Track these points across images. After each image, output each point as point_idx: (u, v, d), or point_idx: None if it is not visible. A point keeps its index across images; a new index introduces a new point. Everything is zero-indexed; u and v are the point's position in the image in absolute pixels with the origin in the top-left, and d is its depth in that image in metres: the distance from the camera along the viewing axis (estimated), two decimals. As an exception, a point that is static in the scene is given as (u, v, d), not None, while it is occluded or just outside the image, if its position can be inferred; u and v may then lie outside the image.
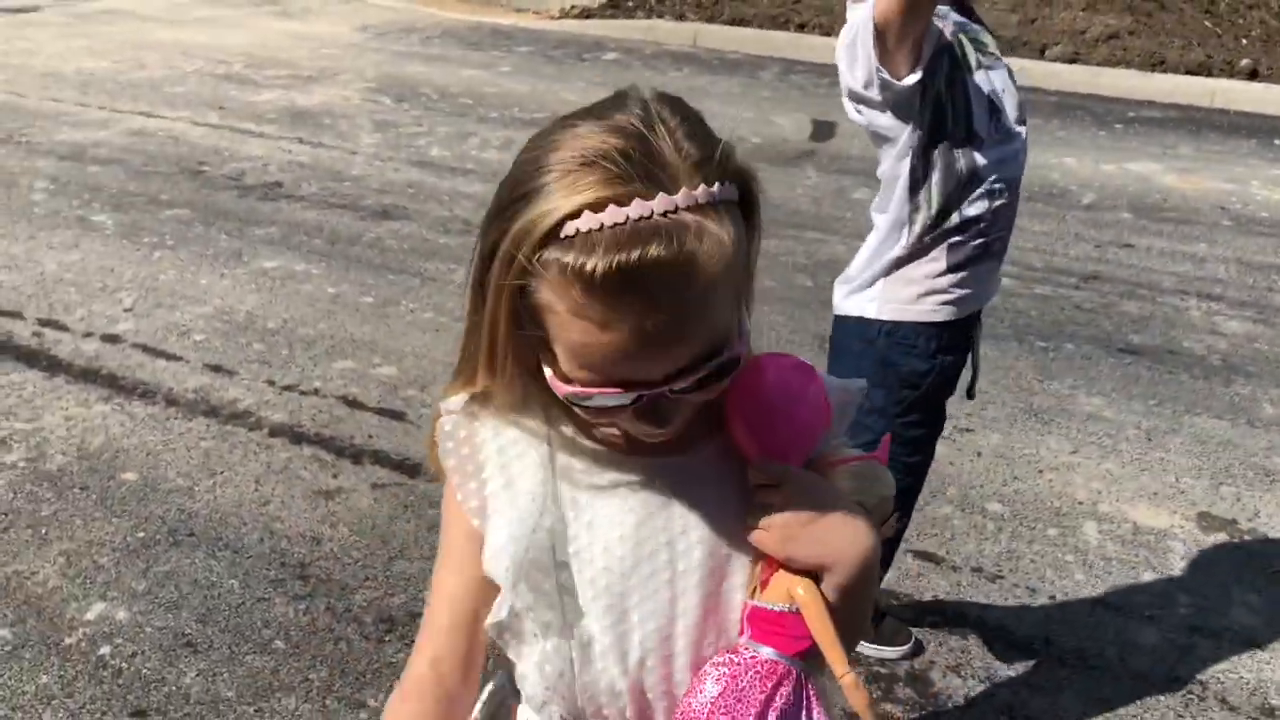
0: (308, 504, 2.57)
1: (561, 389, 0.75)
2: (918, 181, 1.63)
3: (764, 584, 0.80)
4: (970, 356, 1.80)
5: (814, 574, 0.79)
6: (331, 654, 2.11)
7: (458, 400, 0.84)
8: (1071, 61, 7.17)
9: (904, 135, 1.62)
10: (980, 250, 1.66)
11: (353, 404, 3.02)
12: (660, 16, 8.45)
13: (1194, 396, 3.19)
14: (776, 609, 0.79)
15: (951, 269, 1.65)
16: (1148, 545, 2.51)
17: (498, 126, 5.63)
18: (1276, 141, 5.84)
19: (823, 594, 0.79)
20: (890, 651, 2.11)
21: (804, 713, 0.79)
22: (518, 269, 0.71)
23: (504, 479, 0.82)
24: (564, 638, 0.80)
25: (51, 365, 3.17)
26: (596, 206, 0.68)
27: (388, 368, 3.21)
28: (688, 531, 0.82)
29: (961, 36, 1.59)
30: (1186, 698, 2.07)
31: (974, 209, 1.62)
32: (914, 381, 1.69)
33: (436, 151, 5.26)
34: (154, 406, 2.97)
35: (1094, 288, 3.92)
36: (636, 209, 0.68)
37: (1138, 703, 2.05)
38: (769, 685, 0.77)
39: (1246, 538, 2.56)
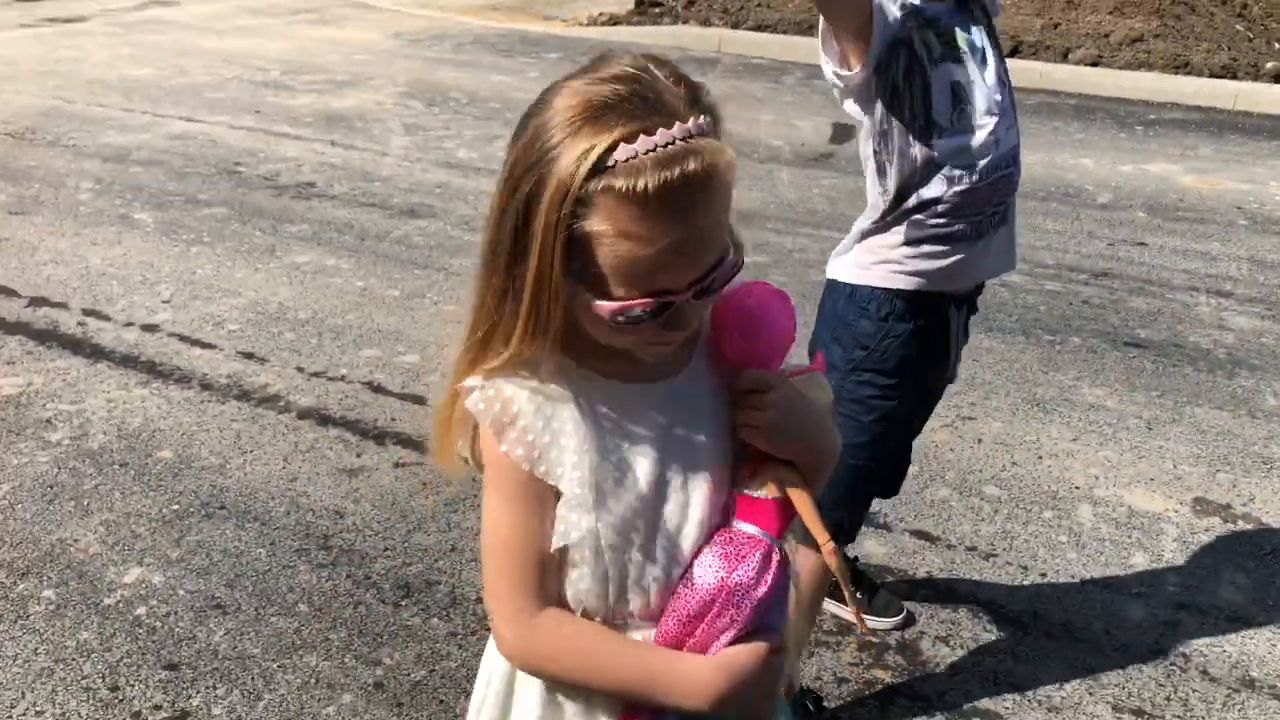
0: (332, 481, 2.70)
1: (605, 308, 0.86)
2: (882, 165, 1.73)
3: (751, 474, 0.95)
4: (949, 340, 1.84)
5: (791, 463, 0.95)
6: (351, 617, 2.23)
7: (474, 379, 0.93)
8: (1094, 65, 7.18)
9: (866, 122, 1.72)
10: (943, 230, 1.72)
11: (377, 389, 3.15)
12: (686, 23, 8.57)
13: (1197, 388, 3.23)
14: (764, 496, 0.94)
15: (908, 243, 1.73)
16: (1141, 528, 2.57)
17: (524, 129, 5.77)
18: (1300, 144, 5.83)
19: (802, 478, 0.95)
20: (882, 622, 2.20)
21: (788, 580, 0.95)
22: (571, 202, 0.82)
23: (548, 434, 0.92)
24: (600, 564, 0.93)
25: (94, 352, 3.33)
26: (629, 138, 0.81)
27: (411, 355, 3.34)
28: (693, 441, 0.96)
29: (928, 31, 1.67)
30: (1169, 669, 2.13)
31: (931, 191, 1.70)
32: (864, 342, 1.78)
33: (464, 153, 5.41)
34: (189, 391, 3.12)
35: (1104, 284, 3.97)
36: (663, 136, 0.81)
37: (1120, 672, 2.11)
38: (764, 560, 0.92)
39: (1240, 522, 2.60)
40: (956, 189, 1.69)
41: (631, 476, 0.93)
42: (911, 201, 1.71)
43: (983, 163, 1.70)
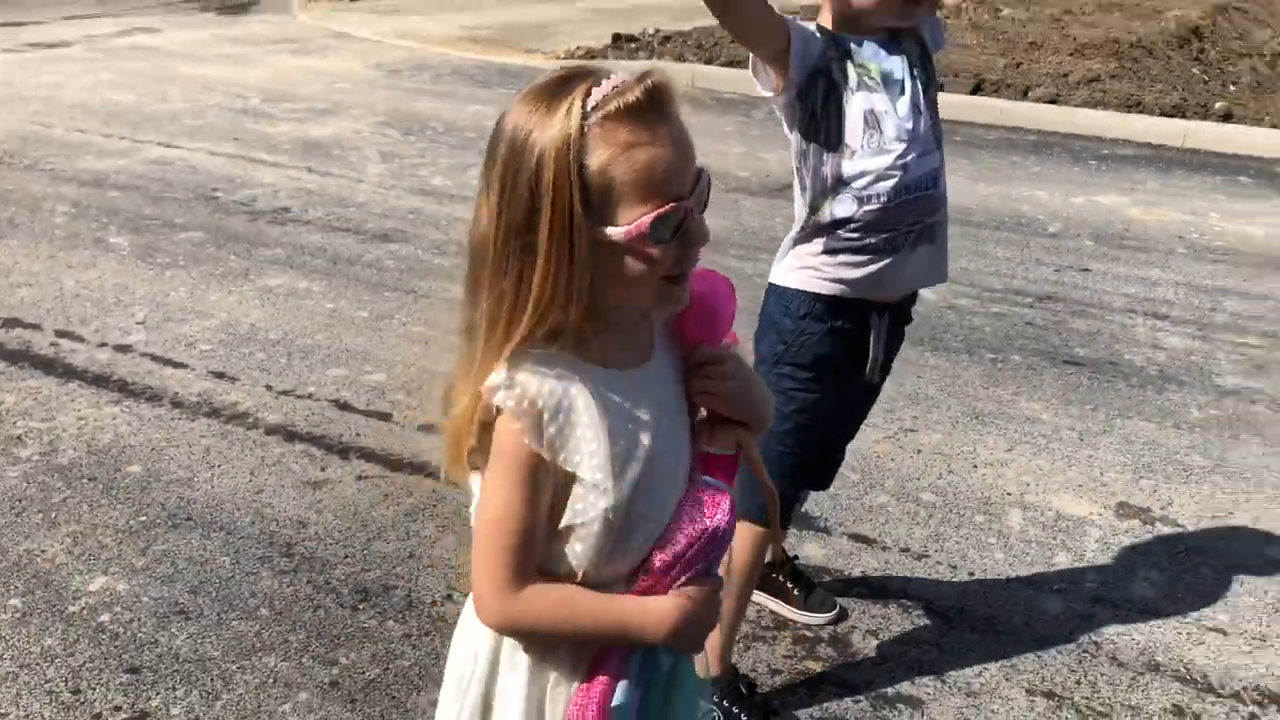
0: (297, 493, 2.79)
1: (641, 223, 0.97)
2: (803, 180, 1.88)
3: (710, 435, 1.12)
4: (874, 346, 1.97)
5: (740, 422, 1.12)
6: (310, 620, 2.31)
7: (497, 376, 1.01)
8: (1052, 103, 7.43)
9: (792, 140, 1.87)
10: (857, 244, 1.86)
11: (343, 406, 3.24)
12: (661, 57, 8.79)
13: (1128, 402, 3.38)
14: (724, 453, 1.12)
15: (827, 253, 1.88)
16: (1066, 530, 2.70)
17: (496, 158, 5.92)
18: (1241, 178, 6.06)
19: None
20: (816, 618, 2.31)
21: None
22: (575, 146, 0.96)
23: (568, 424, 1.01)
24: (603, 536, 1.04)
25: (67, 372, 3.41)
26: (596, 85, 0.97)
27: (378, 374, 3.44)
28: (673, 417, 1.10)
29: (846, 61, 1.82)
30: (1081, 655, 2.26)
31: (842, 209, 1.85)
32: (784, 338, 1.93)
33: (439, 180, 5.54)
34: (160, 408, 3.21)
35: (1047, 307, 4.12)
36: (620, 75, 0.98)
37: (1035, 658, 2.24)
38: (731, 508, 1.08)
39: (1159, 524, 2.74)
40: (866, 208, 1.84)
41: (635, 455, 1.04)
42: (825, 217, 1.86)
43: (889, 185, 1.83)
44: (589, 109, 0.96)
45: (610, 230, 0.98)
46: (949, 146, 2.09)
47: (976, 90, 7.69)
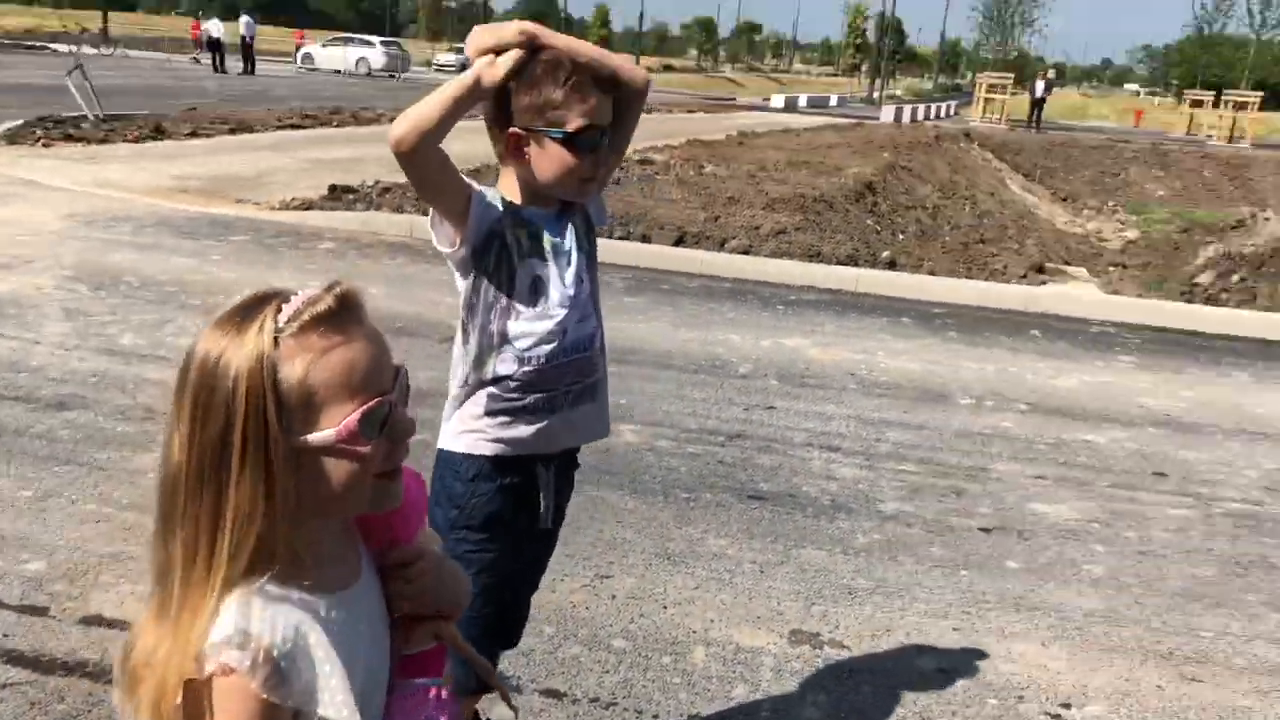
0: (-83, 713, 2.41)
1: (345, 427, 0.98)
2: (467, 333, 1.97)
3: (407, 636, 1.12)
4: (544, 496, 2.05)
5: (439, 614, 1.13)
6: None
7: (223, 627, 0.94)
8: (745, 253, 8.23)
9: (462, 291, 1.96)
10: (517, 404, 1.96)
11: (-10, 602, 2.87)
12: (379, 208, 8.87)
13: (803, 532, 3.69)
14: (424, 649, 1.13)
15: (489, 414, 1.96)
16: (744, 662, 2.86)
17: (198, 314, 5.65)
18: (903, 319, 6.96)
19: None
20: (502, 784, 2.28)
21: (459, 706, 1.14)
22: (269, 364, 0.95)
23: (304, 665, 0.97)
24: None
25: None
26: (285, 299, 0.99)
27: (36, 563, 3.09)
28: (378, 624, 1.10)
29: (520, 229, 1.95)
30: (752, 789, 2.37)
31: (504, 367, 1.95)
32: (456, 502, 1.97)
33: (129, 339, 5.19)
34: None
35: (737, 444, 4.47)
36: (308, 289, 1.01)
37: (709, 799, 2.32)
38: (439, 702, 1.09)
39: (827, 647, 2.97)
40: (526, 369, 1.95)
41: (359, 676, 1.02)
42: (488, 374, 1.95)
43: (549, 348, 1.96)
44: (281, 324, 0.97)
45: (315, 436, 0.98)
46: (656, 294, 2.26)
47: (679, 242, 8.38)
